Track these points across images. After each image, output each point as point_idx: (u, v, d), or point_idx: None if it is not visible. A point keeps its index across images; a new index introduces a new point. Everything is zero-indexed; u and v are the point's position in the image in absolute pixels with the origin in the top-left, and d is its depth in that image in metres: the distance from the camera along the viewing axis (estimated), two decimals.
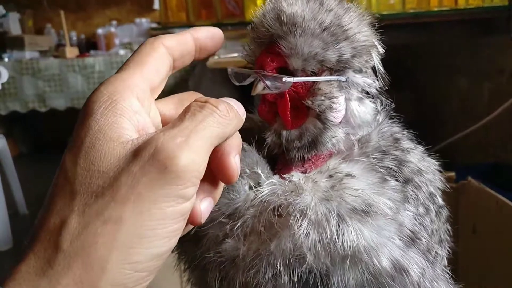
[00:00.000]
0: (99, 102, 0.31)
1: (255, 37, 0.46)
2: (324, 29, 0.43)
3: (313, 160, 0.46)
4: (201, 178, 0.31)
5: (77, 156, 0.30)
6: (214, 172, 0.35)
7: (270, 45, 0.44)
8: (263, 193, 0.43)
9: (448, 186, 0.51)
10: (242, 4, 1.59)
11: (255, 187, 0.45)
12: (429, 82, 2.15)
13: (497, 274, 1.08)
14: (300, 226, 0.40)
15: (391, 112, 0.50)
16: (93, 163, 0.29)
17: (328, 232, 0.40)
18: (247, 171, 0.45)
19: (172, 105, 0.39)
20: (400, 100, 0.51)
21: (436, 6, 1.67)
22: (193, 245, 0.45)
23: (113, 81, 0.33)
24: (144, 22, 3.91)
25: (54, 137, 3.95)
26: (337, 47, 0.43)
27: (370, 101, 0.47)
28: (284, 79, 0.42)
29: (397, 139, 0.48)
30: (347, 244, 0.39)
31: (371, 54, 0.46)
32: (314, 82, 0.44)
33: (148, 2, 4.02)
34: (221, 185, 0.37)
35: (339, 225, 0.40)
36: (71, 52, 3.48)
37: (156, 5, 3.96)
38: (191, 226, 0.36)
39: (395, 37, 1.72)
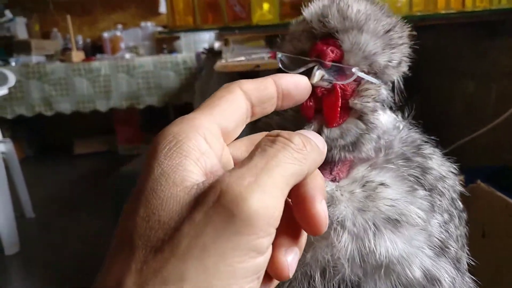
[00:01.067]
0: (163, 143, 0.28)
1: (307, 29, 0.44)
2: (387, 31, 0.43)
3: (340, 166, 0.46)
4: (277, 225, 0.26)
5: (137, 204, 0.26)
6: (297, 220, 0.30)
7: (325, 38, 0.43)
8: None
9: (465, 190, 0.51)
10: (248, 8, 1.60)
11: None
12: (436, 85, 2.14)
13: (506, 278, 1.07)
14: (340, 238, 0.40)
15: (410, 119, 0.50)
16: (154, 212, 0.26)
17: (367, 243, 0.39)
18: None
19: (244, 147, 0.35)
20: (405, 102, 0.51)
21: (443, 9, 1.67)
22: None
23: (180, 122, 0.29)
24: (150, 26, 3.93)
25: (59, 140, 3.98)
26: (390, 52, 0.43)
27: (391, 112, 0.48)
28: (354, 70, 0.41)
29: (418, 145, 0.48)
30: (383, 255, 0.39)
31: (404, 67, 0.47)
32: (359, 83, 0.44)
33: (154, 6, 4.04)
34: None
35: (375, 235, 0.40)
36: (77, 56, 3.51)
37: (162, 9, 3.98)
38: (273, 285, 0.31)
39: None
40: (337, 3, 0.43)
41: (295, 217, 0.29)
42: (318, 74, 0.40)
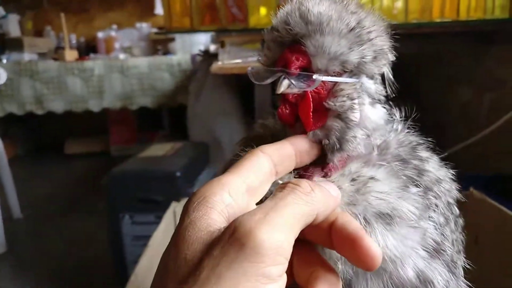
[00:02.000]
0: (193, 200, 0.33)
1: (276, 37, 0.44)
2: (351, 29, 0.42)
3: (332, 164, 0.45)
4: (288, 257, 0.30)
5: (170, 248, 0.32)
6: (349, 260, 0.34)
7: (292, 44, 0.43)
8: None
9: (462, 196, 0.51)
10: (246, 11, 1.59)
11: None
12: (431, 91, 2.16)
13: (498, 284, 1.08)
14: None
15: (408, 121, 0.50)
16: (181, 252, 0.30)
17: None
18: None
19: None
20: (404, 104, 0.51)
21: (438, 17, 1.68)
22: None
23: (209, 182, 0.35)
24: (145, 26, 3.91)
25: (51, 139, 3.93)
26: (360, 48, 0.43)
27: (381, 106, 0.47)
28: (314, 77, 0.42)
29: (415, 148, 0.47)
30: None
31: (385, 60, 0.46)
32: (335, 84, 0.44)
33: (150, 7, 4.02)
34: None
35: (366, 230, 0.39)
36: (71, 55, 3.47)
37: (158, 10, 3.97)
38: None
39: (398, 46, 1.73)
40: (299, 8, 0.43)
41: (346, 258, 0.33)
42: (284, 83, 0.42)
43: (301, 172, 0.46)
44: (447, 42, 1.97)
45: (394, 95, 0.49)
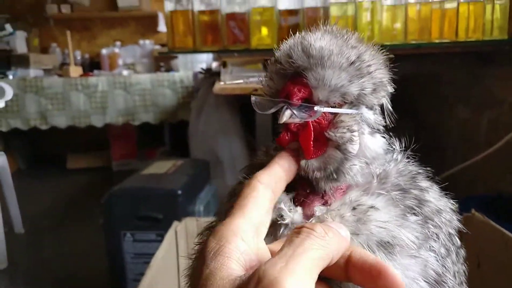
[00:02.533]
0: (208, 249, 0.35)
1: (279, 69, 0.46)
2: (351, 63, 0.44)
3: (332, 192, 0.47)
4: None
5: None
6: None
7: (294, 77, 0.45)
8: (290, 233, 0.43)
9: (464, 228, 0.51)
10: (247, 32, 1.62)
11: (278, 220, 0.45)
12: (430, 112, 2.17)
13: None
14: None
15: (407, 151, 0.50)
16: None
17: None
18: None
19: (280, 243, 0.39)
20: (400, 129, 0.52)
21: (437, 38, 1.71)
22: None
23: (219, 229, 0.36)
24: (148, 43, 3.97)
25: (53, 154, 3.95)
26: (360, 81, 0.45)
27: (381, 136, 0.49)
28: (316, 108, 0.44)
29: (415, 177, 0.48)
30: None
31: (384, 91, 0.48)
32: (336, 115, 0.45)
33: (153, 24, 4.08)
34: None
35: None
36: (75, 71, 3.52)
37: (161, 27, 4.03)
38: None
39: (397, 66, 1.76)
40: (301, 42, 0.46)
41: None
42: (286, 114, 0.44)
43: (301, 199, 0.47)
44: (445, 63, 2.00)
45: (393, 124, 0.50)
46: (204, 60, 3.33)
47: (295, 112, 0.43)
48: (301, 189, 0.47)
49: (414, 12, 1.69)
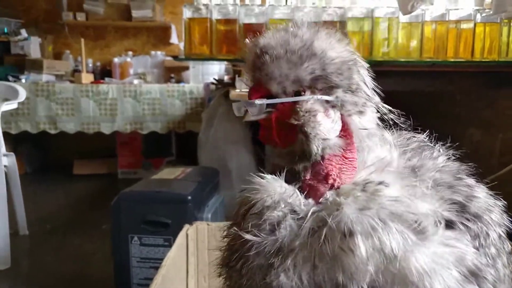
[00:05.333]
0: None
1: (247, 69, 0.52)
2: (288, 51, 0.47)
3: (329, 172, 0.49)
4: None
5: None
6: None
7: (255, 76, 0.50)
8: (307, 224, 0.45)
9: None
10: None
11: (293, 216, 0.46)
12: (441, 131, 2.17)
13: None
14: (353, 245, 0.42)
15: (446, 147, 0.51)
16: None
17: (376, 239, 0.41)
18: (282, 204, 0.47)
19: None
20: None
21: (453, 57, 1.72)
22: (239, 273, 0.47)
23: None
24: (159, 54, 4.01)
25: (60, 159, 3.96)
26: (305, 65, 0.47)
27: (371, 113, 0.51)
28: (256, 102, 0.48)
29: (459, 175, 0.48)
30: (395, 248, 0.41)
31: (352, 70, 0.49)
32: (296, 103, 0.48)
33: (165, 36, 4.14)
34: None
35: (383, 230, 0.42)
36: (87, 78, 3.56)
37: (173, 39, 4.08)
38: None
39: (411, 83, 1.77)
40: (254, 43, 0.50)
41: None
42: (247, 114, 0.49)
43: (307, 189, 0.50)
44: (459, 83, 2.00)
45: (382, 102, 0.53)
46: (215, 73, 3.36)
47: (252, 110, 0.48)
48: (303, 178, 0.50)
49: (430, 31, 1.71)
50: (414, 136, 0.54)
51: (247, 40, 0.53)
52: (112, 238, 1.57)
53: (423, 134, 0.53)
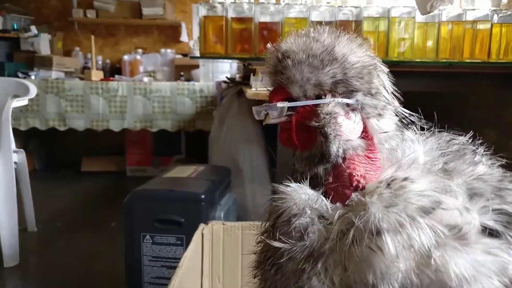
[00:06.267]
0: None
1: (268, 73, 0.53)
2: (309, 56, 0.49)
3: (352, 172, 0.49)
4: None
5: None
6: None
7: (275, 81, 0.52)
8: (335, 227, 0.45)
9: None
10: (280, 41, 1.63)
11: (321, 221, 0.47)
12: (456, 132, 2.15)
13: None
14: (381, 243, 0.41)
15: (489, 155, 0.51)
16: None
17: (405, 235, 0.41)
18: (307, 210, 0.48)
19: None
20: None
21: (469, 58, 1.70)
22: (273, 275, 0.48)
23: None
24: (169, 52, 4.01)
25: (68, 156, 3.97)
26: (326, 69, 0.48)
27: (390, 116, 0.52)
28: (278, 105, 0.49)
29: (505, 185, 0.48)
30: (427, 243, 0.40)
31: (372, 74, 0.50)
32: (317, 106, 0.49)
33: (175, 34, 4.14)
34: None
35: (411, 225, 0.41)
36: (96, 75, 3.56)
37: (183, 37, 4.08)
38: None
39: (427, 84, 1.75)
40: (276, 48, 0.52)
41: None
42: (268, 116, 0.50)
43: (331, 193, 0.50)
44: (475, 84, 1.98)
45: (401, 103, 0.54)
46: (225, 71, 3.35)
47: (273, 113, 0.49)
48: (327, 182, 0.50)
49: (446, 31, 1.69)
50: (454, 139, 0.53)
51: (268, 45, 0.55)
52: (124, 236, 1.56)
53: (464, 137, 0.52)
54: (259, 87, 1.53)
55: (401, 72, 1.61)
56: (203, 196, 1.51)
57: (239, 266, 1.16)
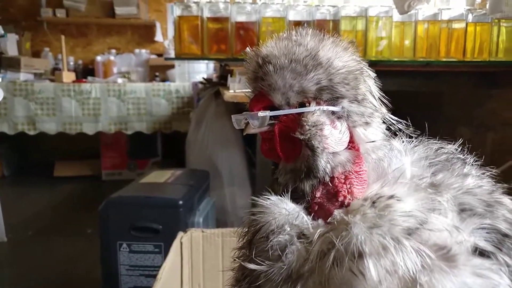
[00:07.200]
0: None
1: (247, 79, 0.49)
2: (292, 61, 0.45)
3: (340, 188, 0.46)
4: None
5: None
6: None
7: (256, 86, 0.48)
8: (315, 248, 0.42)
9: None
10: (257, 41, 1.60)
11: (301, 240, 0.44)
12: (431, 130, 2.17)
13: None
14: (363, 267, 0.39)
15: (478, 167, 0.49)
16: None
17: (389, 260, 0.39)
18: (287, 228, 0.45)
19: None
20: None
21: (445, 57, 1.71)
22: None
23: None
24: (144, 52, 3.92)
25: (40, 161, 3.83)
26: (310, 75, 0.45)
27: (378, 125, 0.49)
28: (259, 114, 0.46)
29: (496, 199, 0.46)
30: (412, 268, 0.38)
31: (359, 79, 0.47)
32: (300, 115, 0.45)
33: (150, 34, 4.05)
34: None
35: (396, 249, 0.39)
36: (68, 76, 3.44)
37: (158, 37, 3.99)
38: None
39: (405, 83, 1.75)
40: (256, 53, 0.48)
41: None
42: (248, 126, 0.47)
43: (315, 208, 0.47)
44: (450, 82, 2.00)
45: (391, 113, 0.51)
46: (202, 71, 3.29)
47: (254, 122, 0.46)
48: (312, 196, 0.47)
49: (422, 30, 1.70)
50: (442, 147, 0.50)
51: (247, 49, 0.51)
52: (100, 245, 1.50)
53: (453, 144, 0.50)
54: (237, 88, 1.49)
55: (379, 71, 1.60)
56: (181, 202, 1.46)
57: (220, 274, 1.13)
